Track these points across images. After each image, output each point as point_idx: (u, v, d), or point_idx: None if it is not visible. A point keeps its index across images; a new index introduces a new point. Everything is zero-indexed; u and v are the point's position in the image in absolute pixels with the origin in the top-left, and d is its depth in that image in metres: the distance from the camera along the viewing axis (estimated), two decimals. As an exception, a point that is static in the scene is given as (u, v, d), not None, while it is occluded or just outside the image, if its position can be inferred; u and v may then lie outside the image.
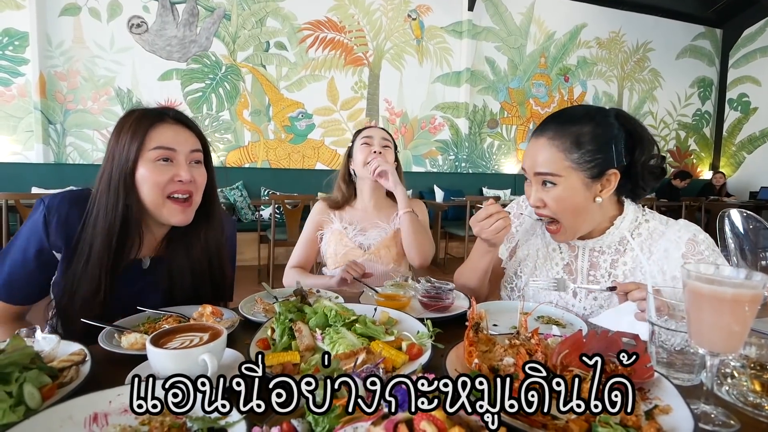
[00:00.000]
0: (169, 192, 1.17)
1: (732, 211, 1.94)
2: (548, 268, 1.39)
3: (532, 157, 1.21)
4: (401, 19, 7.11)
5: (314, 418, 0.57)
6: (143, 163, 1.14)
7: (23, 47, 5.49)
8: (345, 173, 2.02)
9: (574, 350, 0.79)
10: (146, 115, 1.18)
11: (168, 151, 1.15)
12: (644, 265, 1.22)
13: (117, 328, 1.02)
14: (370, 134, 1.95)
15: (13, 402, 0.65)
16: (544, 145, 1.19)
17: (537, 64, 7.97)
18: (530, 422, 0.63)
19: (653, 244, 1.24)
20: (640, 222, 1.28)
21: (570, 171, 1.16)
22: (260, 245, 5.26)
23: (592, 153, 1.15)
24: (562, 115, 1.22)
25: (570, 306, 1.33)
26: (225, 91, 6.37)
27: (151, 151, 1.14)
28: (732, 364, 0.81)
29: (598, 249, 1.30)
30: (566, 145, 1.16)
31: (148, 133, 1.14)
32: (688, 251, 1.17)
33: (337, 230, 1.92)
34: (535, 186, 1.23)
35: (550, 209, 1.21)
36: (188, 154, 1.19)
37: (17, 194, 3.81)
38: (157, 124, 1.16)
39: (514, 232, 1.50)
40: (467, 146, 7.63)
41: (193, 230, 1.29)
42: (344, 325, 0.97)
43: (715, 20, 9.06)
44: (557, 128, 1.18)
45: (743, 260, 1.98)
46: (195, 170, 1.21)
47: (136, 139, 1.13)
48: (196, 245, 1.30)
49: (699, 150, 9.51)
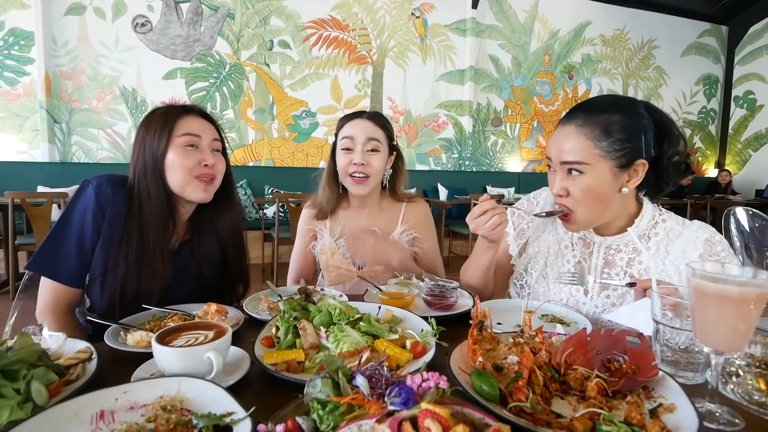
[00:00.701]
0: (195, 174, 1.27)
1: (737, 209, 1.94)
2: (559, 265, 1.37)
3: (559, 146, 1.19)
4: (405, 17, 7.10)
5: (319, 415, 0.57)
6: (172, 149, 1.25)
7: (29, 47, 5.52)
8: (330, 174, 1.71)
9: (578, 349, 0.79)
10: (173, 108, 1.30)
11: (194, 137, 1.27)
12: (661, 266, 1.21)
13: (123, 326, 1.03)
14: (351, 134, 1.61)
15: (20, 399, 0.66)
16: (572, 133, 1.17)
17: (541, 61, 7.95)
18: (534, 420, 0.63)
19: (670, 244, 1.23)
20: (657, 221, 1.27)
21: (599, 159, 1.14)
22: (264, 244, 5.27)
23: (622, 142, 1.13)
24: (591, 104, 1.20)
25: (581, 304, 1.32)
26: (229, 90, 6.38)
27: (180, 137, 1.25)
28: (737, 363, 0.80)
29: (615, 247, 1.29)
30: (595, 132, 1.14)
31: (177, 122, 1.26)
32: (705, 252, 1.17)
33: (328, 244, 1.70)
34: (560, 174, 1.21)
35: (574, 198, 1.18)
36: (211, 142, 1.31)
37: (23, 193, 3.83)
38: (183, 115, 1.29)
39: (525, 228, 1.49)
40: (471, 144, 7.62)
41: (216, 212, 1.41)
42: (348, 323, 0.98)
43: (721, 17, 9.00)
44: (586, 116, 1.17)
45: (749, 258, 1.97)
46: (216, 157, 1.32)
47: (167, 127, 1.25)
48: (221, 226, 1.42)
49: (704, 148, 9.46)
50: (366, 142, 1.60)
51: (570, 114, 1.21)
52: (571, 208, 1.20)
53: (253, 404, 0.62)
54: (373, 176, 1.63)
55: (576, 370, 0.75)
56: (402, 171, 1.76)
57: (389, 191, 1.77)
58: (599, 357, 0.78)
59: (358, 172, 1.60)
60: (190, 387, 0.70)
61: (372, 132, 1.61)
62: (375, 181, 1.65)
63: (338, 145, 1.65)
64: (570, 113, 1.21)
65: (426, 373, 0.58)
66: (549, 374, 0.74)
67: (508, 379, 0.74)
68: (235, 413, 0.62)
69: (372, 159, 1.61)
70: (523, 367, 0.73)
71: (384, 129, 1.65)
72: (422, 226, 1.76)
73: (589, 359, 0.78)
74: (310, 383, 0.63)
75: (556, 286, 1.35)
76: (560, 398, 0.72)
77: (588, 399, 0.70)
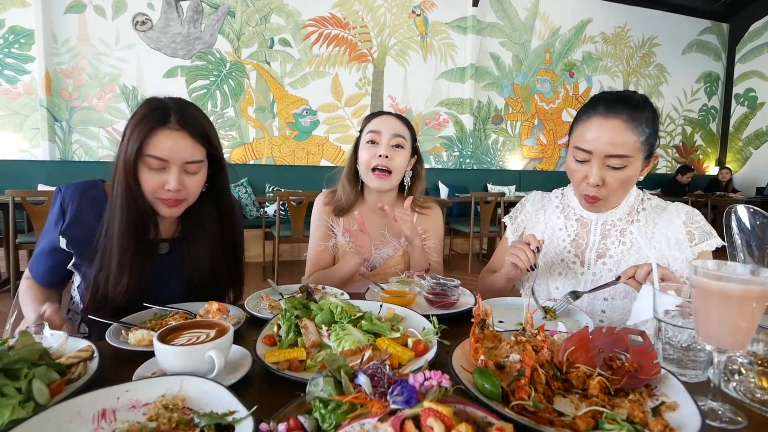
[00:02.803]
0: (158, 196, 1.21)
1: (738, 207, 1.93)
2: (555, 245, 1.45)
3: (606, 139, 1.21)
4: (405, 15, 7.08)
5: (321, 414, 0.57)
6: (141, 165, 1.18)
7: (29, 45, 5.51)
8: (351, 170, 1.71)
9: (580, 347, 0.79)
10: (150, 116, 1.17)
11: (161, 162, 1.17)
12: (650, 234, 1.34)
13: (124, 325, 1.03)
14: (377, 128, 1.61)
15: (22, 398, 0.66)
16: (620, 128, 1.21)
17: (542, 59, 7.93)
18: (537, 419, 0.63)
19: (656, 217, 1.37)
20: (643, 199, 1.41)
21: (638, 153, 1.23)
22: (265, 242, 5.27)
23: (651, 136, 1.24)
24: (629, 100, 1.24)
25: (579, 275, 1.39)
26: (229, 88, 6.37)
27: (146, 157, 1.16)
28: (739, 361, 0.80)
29: (610, 222, 1.39)
30: (639, 129, 1.21)
31: (146, 138, 1.16)
32: (687, 220, 1.33)
33: (340, 244, 1.70)
34: (598, 164, 1.24)
35: (609, 188, 1.26)
36: (182, 165, 1.20)
37: (24, 191, 3.82)
38: (157, 129, 1.17)
39: (520, 223, 1.57)
40: (472, 142, 7.61)
41: (206, 209, 1.35)
42: (350, 321, 0.98)
43: (722, 14, 8.97)
44: (630, 112, 1.21)
45: (750, 256, 1.97)
46: (187, 179, 1.22)
47: (136, 142, 1.15)
48: (210, 224, 1.36)
49: (705, 145, 9.44)
50: (392, 138, 1.61)
51: (609, 107, 1.23)
52: (602, 197, 1.28)
53: (255, 403, 0.62)
54: (395, 173, 1.63)
55: (578, 369, 0.75)
56: (421, 175, 1.76)
57: (406, 195, 1.72)
58: (601, 355, 0.78)
59: (382, 165, 1.60)
60: (191, 386, 0.70)
61: (399, 129, 1.63)
62: (396, 178, 1.65)
63: (363, 139, 1.65)
64: (610, 107, 1.23)
65: (428, 372, 0.58)
66: (551, 372, 0.74)
67: (510, 377, 0.74)
68: (236, 412, 0.62)
69: (396, 155, 1.62)
70: (525, 365, 0.73)
71: (410, 128, 1.67)
72: (432, 231, 1.77)
73: (591, 357, 0.78)
74: (312, 382, 0.63)
75: (558, 255, 1.43)
76: (562, 396, 0.72)
77: (590, 397, 0.70)
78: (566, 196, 1.51)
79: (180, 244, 1.34)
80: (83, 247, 1.22)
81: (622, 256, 1.34)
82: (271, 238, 4.89)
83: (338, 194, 1.74)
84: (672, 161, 9.13)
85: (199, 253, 1.34)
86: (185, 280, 1.32)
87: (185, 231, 1.35)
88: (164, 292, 1.27)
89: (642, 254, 1.31)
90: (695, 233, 1.30)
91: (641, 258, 1.31)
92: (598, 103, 1.25)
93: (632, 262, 1.31)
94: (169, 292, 1.29)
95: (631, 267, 1.16)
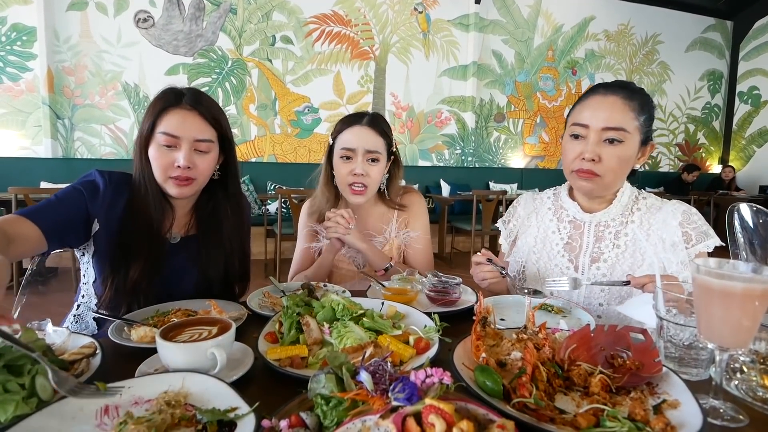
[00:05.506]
0: (169, 174, 1.23)
1: (741, 205, 1.92)
2: (548, 250, 1.43)
3: (602, 113, 1.24)
4: (407, 13, 7.07)
5: (322, 411, 0.58)
6: (153, 144, 1.23)
7: (31, 42, 5.52)
8: (327, 177, 1.71)
9: (581, 345, 0.79)
10: (164, 97, 1.24)
11: (172, 138, 1.21)
12: (645, 235, 1.31)
13: (127, 321, 1.03)
14: (351, 145, 1.57)
15: (25, 394, 0.66)
16: (616, 103, 1.23)
17: (544, 57, 7.91)
18: (538, 416, 0.63)
19: (652, 216, 1.34)
20: (638, 198, 1.38)
21: (635, 131, 1.24)
22: (267, 239, 5.27)
23: (648, 121, 1.26)
24: (624, 83, 1.29)
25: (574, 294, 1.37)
26: (231, 86, 6.37)
27: (158, 134, 1.22)
28: (741, 359, 0.80)
29: (604, 223, 1.37)
30: (636, 107, 1.24)
31: (159, 116, 1.22)
32: (683, 220, 1.28)
33: None
34: (595, 140, 1.25)
35: (605, 166, 1.25)
36: (192, 143, 1.24)
37: (26, 188, 3.83)
38: (170, 108, 1.22)
39: (512, 227, 1.56)
40: (474, 140, 7.59)
41: (219, 206, 1.39)
42: (352, 319, 0.98)
43: (726, 12, 8.93)
44: (627, 92, 1.25)
45: (752, 254, 1.96)
46: (197, 157, 1.25)
47: (151, 119, 1.22)
48: (225, 221, 1.39)
49: (708, 144, 9.41)
50: (366, 154, 1.58)
51: (608, 87, 1.27)
52: (599, 173, 1.26)
53: (257, 399, 0.62)
54: (371, 186, 1.62)
55: (579, 366, 0.75)
56: (397, 175, 1.75)
57: (383, 195, 1.75)
58: (603, 353, 0.78)
59: (358, 183, 1.59)
60: (194, 382, 0.70)
61: (373, 144, 1.59)
62: (373, 190, 1.65)
63: (336, 152, 1.61)
64: (608, 87, 1.27)
65: (429, 369, 0.58)
66: (552, 370, 0.74)
67: (512, 375, 0.74)
68: (238, 408, 0.62)
69: (372, 170, 1.60)
70: (527, 363, 0.73)
71: (384, 136, 1.62)
72: (413, 220, 1.76)
73: (592, 355, 0.78)
74: (313, 379, 0.63)
75: (551, 260, 1.41)
76: (564, 394, 0.72)
77: (592, 395, 0.70)
78: (559, 197, 1.48)
79: (195, 239, 1.36)
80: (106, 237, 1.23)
81: (616, 260, 1.31)
82: (273, 236, 4.90)
83: (317, 200, 1.75)
84: (675, 159, 9.10)
85: (214, 248, 1.36)
86: (199, 274, 1.34)
87: (200, 226, 1.38)
88: (179, 287, 1.29)
89: (636, 258, 1.29)
90: (692, 234, 1.26)
91: (635, 261, 1.29)
92: (597, 87, 1.29)
93: (627, 265, 1.30)
94: (184, 286, 1.31)
95: (645, 276, 1.13)
